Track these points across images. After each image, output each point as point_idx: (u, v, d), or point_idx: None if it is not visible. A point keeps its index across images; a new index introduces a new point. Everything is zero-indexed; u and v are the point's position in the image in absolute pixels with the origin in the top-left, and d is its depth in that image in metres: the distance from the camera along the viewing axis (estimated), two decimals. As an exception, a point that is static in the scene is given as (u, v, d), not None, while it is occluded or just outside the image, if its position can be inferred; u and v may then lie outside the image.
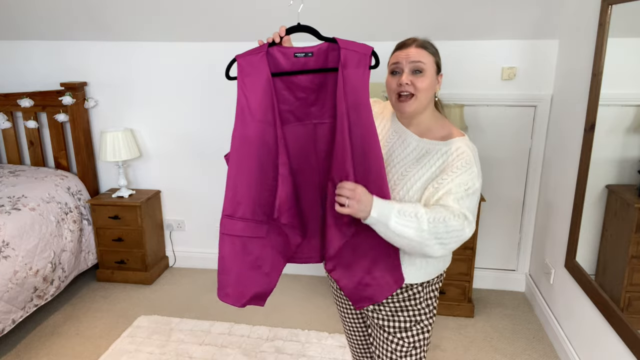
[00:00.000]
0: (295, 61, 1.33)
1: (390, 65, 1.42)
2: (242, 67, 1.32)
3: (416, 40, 1.40)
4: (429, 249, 1.27)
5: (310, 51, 1.33)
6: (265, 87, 1.31)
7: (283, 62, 1.34)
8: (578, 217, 2.31)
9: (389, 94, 1.43)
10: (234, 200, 1.35)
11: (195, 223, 3.45)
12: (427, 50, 1.39)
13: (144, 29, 3.03)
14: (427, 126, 1.43)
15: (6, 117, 3.30)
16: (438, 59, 1.42)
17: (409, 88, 1.36)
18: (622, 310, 1.89)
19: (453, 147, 1.36)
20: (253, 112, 1.32)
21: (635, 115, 1.96)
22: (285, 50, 1.33)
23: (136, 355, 2.51)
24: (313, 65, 1.34)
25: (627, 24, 1.97)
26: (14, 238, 2.52)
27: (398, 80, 1.38)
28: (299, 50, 1.33)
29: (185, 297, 3.10)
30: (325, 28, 2.83)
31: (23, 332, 2.72)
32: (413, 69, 1.36)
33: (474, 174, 1.33)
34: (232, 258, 1.38)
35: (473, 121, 2.92)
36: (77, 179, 3.25)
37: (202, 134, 3.25)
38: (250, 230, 1.38)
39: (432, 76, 1.38)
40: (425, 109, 1.41)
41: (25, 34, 3.20)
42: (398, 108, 1.40)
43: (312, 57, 1.34)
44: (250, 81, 1.31)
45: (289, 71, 1.34)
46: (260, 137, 1.33)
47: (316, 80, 1.34)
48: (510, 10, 2.60)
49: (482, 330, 2.73)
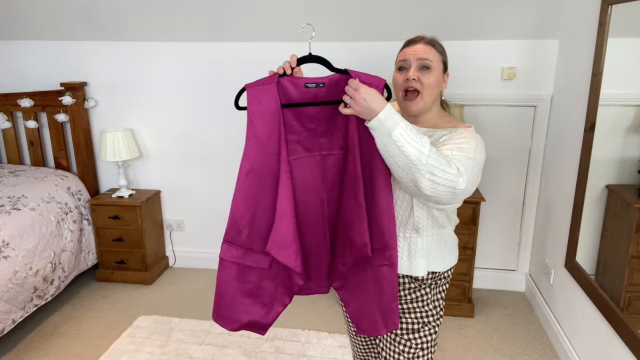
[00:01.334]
0: (305, 92, 1.33)
1: (397, 61, 1.42)
2: (252, 96, 1.30)
3: (424, 38, 1.41)
4: (419, 177, 1.19)
5: (321, 82, 1.33)
6: (274, 117, 1.30)
7: (293, 93, 1.33)
8: (578, 217, 2.31)
9: (396, 90, 1.43)
10: (235, 228, 1.35)
11: (195, 223, 3.45)
12: (435, 48, 1.40)
13: (144, 29, 3.03)
14: (434, 123, 1.44)
15: (6, 117, 3.30)
16: (445, 57, 1.43)
17: (415, 84, 1.36)
18: (622, 310, 1.89)
19: (456, 130, 1.38)
20: (262, 143, 1.30)
21: (635, 115, 1.96)
22: (295, 81, 1.32)
23: (136, 355, 2.51)
24: (324, 96, 1.34)
25: (627, 24, 1.97)
26: (14, 238, 2.52)
27: (405, 75, 1.38)
28: (310, 81, 1.33)
29: (185, 297, 3.10)
30: (323, 28, 2.84)
31: (23, 332, 2.72)
32: (420, 66, 1.37)
33: (472, 144, 1.31)
34: (227, 283, 1.38)
35: (473, 121, 2.92)
36: (77, 179, 3.25)
37: (202, 134, 3.25)
38: (250, 259, 1.37)
39: (438, 74, 1.39)
40: (431, 108, 1.42)
41: (25, 34, 3.21)
42: (404, 106, 1.40)
43: (323, 88, 1.33)
44: (260, 111, 1.30)
45: (299, 102, 1.33)
46: (267, 169, 1.32)
47: (326, 112, 1.34)
48: (510, 10, 2.60)
49: (482, 330, 2.73)
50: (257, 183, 1.32)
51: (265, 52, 3.04)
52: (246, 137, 1.31)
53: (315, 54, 1.37)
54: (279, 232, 1.31)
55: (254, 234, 1.36)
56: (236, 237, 1.36)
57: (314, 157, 1.37)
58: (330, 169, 1.38)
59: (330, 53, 2.94)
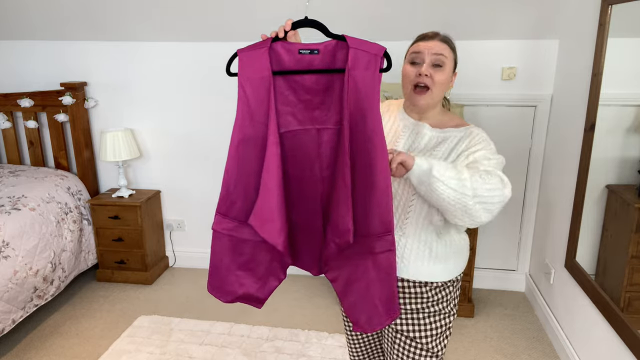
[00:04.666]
0: (299, 58, 1.24)
1: (410, 54, 1.41)
2: (243, 62, 1.23)
3: (439, 34, 1.41)
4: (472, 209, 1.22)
5: (316, 48, 1.23)
6: (265, 85, 1.22)
7: (286, 59, 1.24)
8: (578, 217, 2.31)
9: (405, 83, 1.41)
10: (228, 199, 1.30)
11: (195, 223, 3.45)
12: (449, 46, 1.40)
13: (144, 29, 3.03)
14: (438, 119, 1.45)
15: (6, 117, 3.30)
16: (457, 56, 1.43)
17: (426, 80, 1.36)
18: (622, 310, 1.89)
19: (468, 132, 1.39)
20: (253, 111, 1.24)
21: (635, 115, 1.96)
22: (289, 46, 1.24)
23: (136, 355, 2.51)
24: (319, 64, 1.24)
25: (627, 24, 1.97)
26: (14, 238, 2.52)
27: (418, 70, 1.37)
28: (304, 47, 1.24)
29: (185, 297, 3.10)
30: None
31: (23, 332, 2.72)
32: (434, 62, 1.36)
33: (490, 143, 1.36)
34: (221, 254, 1.35)
35: (473, 121, 2.92)
36: (77, 179, 3.25)
37: (202, 134, 3.25)
38: (244, 232, 1.32)
39: (449, 72, 1.40)
40: (436, 105, 1.43)
41: (26, 34, 3.20)
42: (412, 99, 1.40)
43: (318, 55, 1.24)
44: (250, 77, 1.23)
45: (292, 70, 1.24)
46: (259, 139, 1.25)
47: (322, 82, 1.25)
48: (510, 10, 2.60)
49: (482, 330, 2.73)
50: (248, 154, 1.26)
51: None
52: (237, 106, 1.25)
53: (312, 18, 1.27)
54: (263, 205, 1.24)
55: (248, 206, 1.29)
56: (229, 209, 1.31)
57: (308, 130, 1.28)
58: (326, 144, 1.29)
59: (330, 53, 2.96)
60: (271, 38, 1.24)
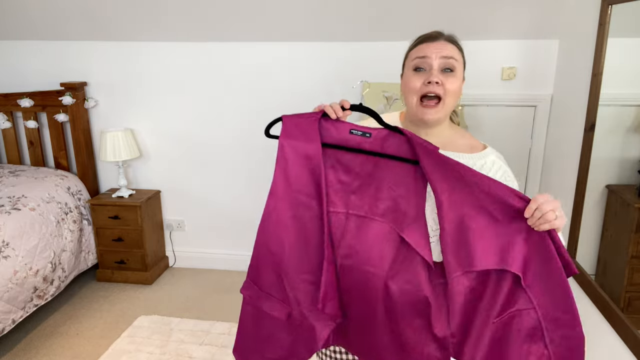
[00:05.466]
0: (349, 138, 1.15)
1: (413, 59, 1.20)
2: (288, 128, 1.15)
3: (443, 34, 1.21)
4: None
5: (369, 132, 1.15)
6: (313, 155, 1.14)
7: (334, 135, 1.16)
8: (578, 217, 2.31)
9: (408, 95, 1.20)
10: (256, 267, 1.23)
11: (195, 223, 3.45)
12: (457, 46, 1.21)
13: (143, 29, 3.03)
14: (448, 136, 1.24)
15: (6, 117, 3.30)
16: (465, 58, 1.24)
17: (437, 89, 1.15)
18: (622, 310, 1.89)
19: (488, 161, 1.21)
20: (291, 180, 1.15)
21: (635, 115, 1.96)
22: (339, 124, 1.17)
23: (136, 355, 2.51)
24: (368, 148, 1.15)
25: (627, 24, 1.97)
26: (14, 238, 2.52)
27: (425, 78, 1.16)
28: (357, 128, 1.16)
29: (185, 297, 3.10)
30: (323, 28, 2.84)
31: (23, 332, 2.72)
32: (444, 66, 1.17)
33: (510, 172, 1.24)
34: (245, 322, 1.28)
35: (473, 121, 2.92)
36: (77, 179, 3.25)
37: (202, 133, 3.25)
38: (266, 305, 1.22)
39: (461, 78, 1.20)
40: (446, 119, 1.23)
41: (26, 34, 3.20)
42: (420, 114, 1.18)
43: (369, 139, 1.15)
44: (295, 145, 1.15)
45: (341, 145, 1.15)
46: (293, 211, 1.16)
47: (367, 166, 1.15)
48: (510, 10, 2.60)
49: (482, 330, 2.73)
50: (280, 223, 1.17)
51: (265, 52, 3.04)
52: (274, 171, 1.16)
53: (366, 106, 1.19)
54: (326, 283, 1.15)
55: (273, 279, 1.20)
56: (256, 277, 1.23)
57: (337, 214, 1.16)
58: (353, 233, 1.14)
59: (329, 53, 2.96)
60: (322, 112, 1.17)
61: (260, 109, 3.14)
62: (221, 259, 3.45)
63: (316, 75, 3.01)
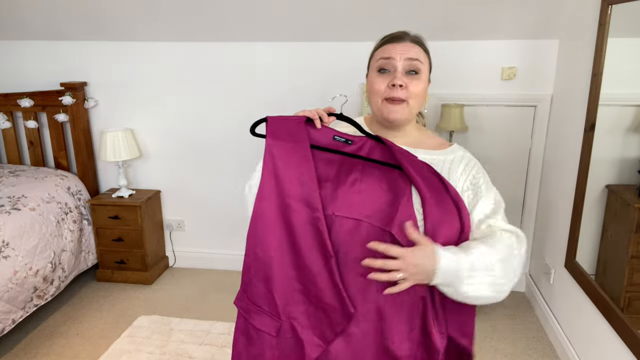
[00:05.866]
0: (331, 144, 1.16)
1: (377, 60, 1.17)
2: (274, 129, 1.14)
3: (409, 35, 1.18)
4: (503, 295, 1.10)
5: (351, 139, 1.17)
6: (302, 156, 1.12)
7: (319, 140, 1.16)
8: (578, 217, 2.31)
9: (373, 96, 1.17)
10: (247, 275, 1.18)
11: (195, 223, 3.45)
12: (423, 48, 1.18)
13: (144, 29, 3.03)
14: (417, 137, 1.23)
15: (6, 117, 3.30)
16: (431, 61, 1.21)
17: (401, 92, 1.12)
18: (622, 310, 1.89)
19: (458, 156, 1.19)
20: (279, 183, 1.12)
21: (635, 115, 1.96)
22: (323, 129, 1.17)
23: (136, 355, 2.51)
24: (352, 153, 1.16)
25: (627, 24, 1.98)
26: (14, 238, 2.52)
27: (389, 80, 1.13)
28: (340, 135, 1.17)
29: (185, 297, 3.10)
30: (323, 28, 2.84)
31: (23, 332, 2.72)
32: (408, 69, 1.14)
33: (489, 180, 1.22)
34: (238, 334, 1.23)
35: (473, 121, 2.92)
36: (77, 179, 3.25)
37: (202, 133, 3.25)
38: (256, 319, 1.16)
39: (426, 81, 1.18)
40: (412, 120, 1.22)
41: (26, 34, 3.20)
42: (386, 113, 1.15)
43: (351, 146, 1.16)
44: (282, 146, 1.13)
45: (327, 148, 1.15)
46: (281, 215, 1.12)
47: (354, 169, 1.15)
48: (510, 10, 2.60)
49: (482, 330, 2.73)
50: (268, 228, 1.12)
51: (265, 52, 3.04)
52: (262, 172, 1.14)
53: (347, 115, 1.21)
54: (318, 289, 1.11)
55: (262, 289, 1.14)
56: (247, 287, 1.18)
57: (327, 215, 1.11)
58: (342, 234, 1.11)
59: (329, 53, 2.96)
60: (305, 117, 1.17)
61: (261, 109, 3.14)
62: (221, 259, 3.45)
63: (316, 75, 3.01)
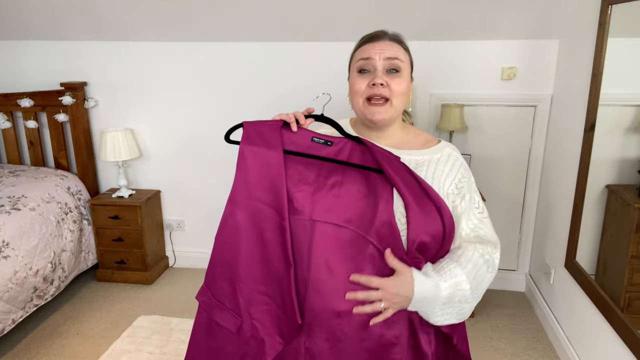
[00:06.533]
0: (310, 146, 1.16)
1: (357, 61, 1.17)
2: (249, 134, 1.14)
3: (388, 33, 1.18)
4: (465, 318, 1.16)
5: (330, 140, 1.16)
6: (274, 163, 1.12)
7: (297, 142, 1.15)
8: (578, 217, 2.31)
9: (355, 97, 1.17)
10: (211, 273, 1.21)
11: (195, 223, 3.45)
12: (402, 46, 1.18)
13: (144, 29, 3.03)
14: (402, 137, 1.22)
15: (6, 117, 3.30)
16: (412, 59, 1.21)
17: (383, 91, 1.12)
18: (622, 310, 1.89)
19: (444, 154, 1.19)
20: (251, 187, 1.13)
21: (635, 115, 1.96)
22: (301, 131, 1.16)
23: (136, 355, 2.51)
24: (331, 156, 1.15)
25: (627, 24, 1.98)
26: (14, 238, 2.52)
27: (370, 79, 1.13)
28: (318, 136, 1.17)
29: (185, 297, 3.10)
30: (323, 28, 2.84)
31: (23, 332, 2.72)
32: (388, 67, 1.14)
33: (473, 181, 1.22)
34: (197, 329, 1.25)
35: (473, 121, 2.92)
36: (77, 179, 3.25)
37: (202, 133, 3.25)
38: (218, 315, 1.19)
39: (408, 78, 1.17)
40: (397, 119, 1.20)
41: (26, 34, 3.20)
42: (369, 114, 1.15)
43: (331, 148, 1.16)
44: (255, 150, 1.13)
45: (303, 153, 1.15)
46: (251, 220, 1.13)
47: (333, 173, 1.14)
48: (510, 10, 2.60)
49: (482, 330, 2.73)
50: (237, 231, 1.14)
51: (265, 52, 3.04)
52: (235, 177, 1.15)
53: (327, 116, 1.20)
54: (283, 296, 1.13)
55: (226, 288, 1.17)
56: (211, 284, 1.21)
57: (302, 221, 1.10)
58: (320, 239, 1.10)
59: (329, 53, 2.96)
60: (282, 121, 1.17)
61: (261, 109, 3.14)
62: (221, 259, 3.45)
63: (316, 75, 3.01)
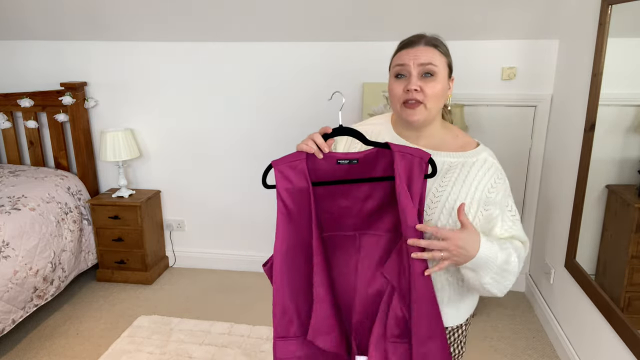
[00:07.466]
0: (337, 168, 1.20)
1: (394, 67, 1.22)
2: (280, 174, 1.20)
3: (424, 37, 1.21)
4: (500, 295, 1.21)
5: (355, 158, 1.20)
6: (305, 195, 1.19)
7: (325, 169, 1.20)
8: (578, 217, 2.31)
9: (393, 101, 1.23)
10: (285, 319, 1.22)
11: (195, 223, 3.45)
12: (439, 50, 1.21)
13: (144, 29, 3.03)
14: (440, 138, 1.26)
15: (6, 117, 3.30)
16: (450, 60, 1.25)
17: (417, 95, 1.17)
18: (622, 310, 1.89)
19: (480, 159, 1.24)
20: (295, 220, 1.20)
21: (635, 115, 1.96)
22: (327, 155, 1.20)
23: (136, 355, 2.51)
24: (357, 174, 1.20)
25: (627, 24, 1.98)
26: (14, 238, 2.52)
27: (405, 85, 1.18)
28: (343, 157, 1.20)
29: (185, 297, 3.10)
30: (317, 28, 2.84)
31: (23, 332, 2.72)
32: (422, 72, 1.18)
33: (508, 186, 1.27)
34: None
35: (473, 121, 2.92)
36: (77, 179, 3.25)
37: (202, 133, 3.25)
38: (307, 348, 1.22)
39: (443, 80, 1.20)
40: (434, 119, 1.24)
41: (26, 34, 3.20)
42: (405, 116, 1.21)
43: (357, 165, 1.19)
44: (289, 189, 1.20)
45: (330, 180, 1.21)
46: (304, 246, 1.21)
47: (363, 190, 1.20)
48: (510, 10, 2.60)
49: (482, 330, 2.73)
50: (296, 262, 1.21)
51: (266, 52, 3.04)
52: (277, 216, 1.21)
53: (347, 126, 1.23)
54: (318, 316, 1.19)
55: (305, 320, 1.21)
56: (288, 328, 1.22)
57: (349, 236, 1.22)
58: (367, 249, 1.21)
59: (330, 53, 2.96)
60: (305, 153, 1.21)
61: (260, 109, 3.14)
62: (221, 259, 3.45)
63: (317, 75, 3.01)
